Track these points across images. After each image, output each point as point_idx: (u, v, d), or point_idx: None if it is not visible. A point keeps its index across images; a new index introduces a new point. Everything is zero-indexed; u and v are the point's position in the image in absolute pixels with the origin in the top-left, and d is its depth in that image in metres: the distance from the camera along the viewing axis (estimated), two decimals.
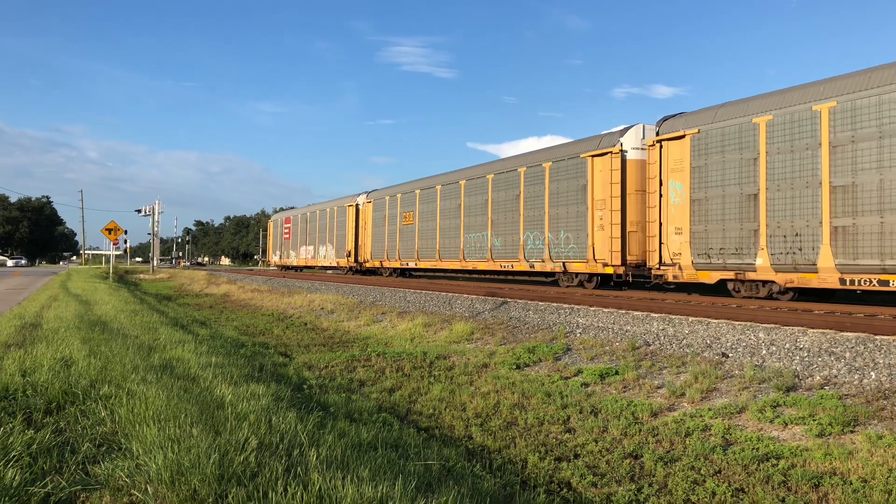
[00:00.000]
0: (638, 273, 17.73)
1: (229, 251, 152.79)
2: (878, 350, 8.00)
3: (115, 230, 36.79)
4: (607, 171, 18.09)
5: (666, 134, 16.09)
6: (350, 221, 36.79)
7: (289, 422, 5.23)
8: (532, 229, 21.25)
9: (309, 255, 43.67)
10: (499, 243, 23.04)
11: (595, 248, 18.38)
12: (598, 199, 18.40)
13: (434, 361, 10.82)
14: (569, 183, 19.73)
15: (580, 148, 19.51)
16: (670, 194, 15.89)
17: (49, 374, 6.84)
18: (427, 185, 28.98)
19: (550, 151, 21.25)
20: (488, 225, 23.68)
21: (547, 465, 5.87)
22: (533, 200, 21.27)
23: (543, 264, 20.63)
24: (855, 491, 5.05)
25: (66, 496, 3.87)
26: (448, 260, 26.46)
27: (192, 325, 15.52)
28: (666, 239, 15.92)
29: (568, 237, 19.56)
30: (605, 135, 18.80)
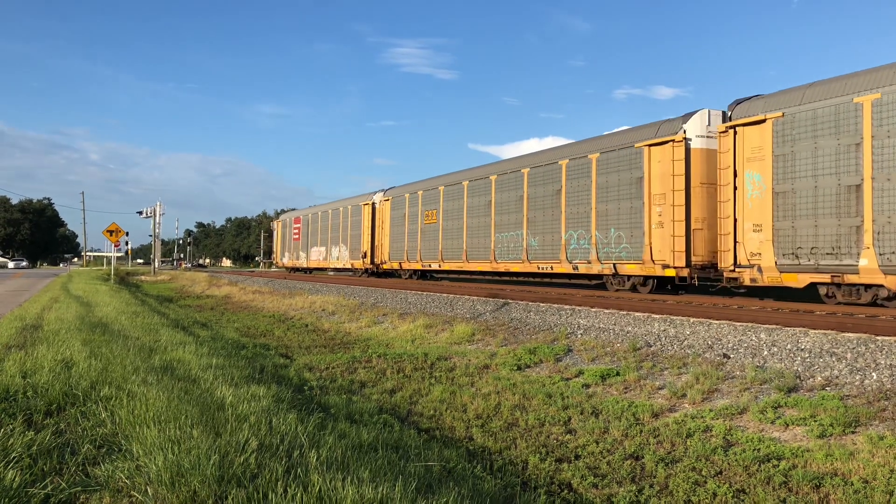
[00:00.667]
0: (703, 276, 15.88)
1: (230, 253, 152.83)
2: (879, 351, 7.99)
3: (117, 232, 36.82)
4: (668, 161, 16.28)
5: (741, 119, 14.27)
6: (365, 221, 35.00)
7: (289, 423, 5.22)
8: (575, 227, 19.39)
9: (320, 257, 41.87)
10: (536, 243, 21.13)
11: (653, 248, 16.59)
12: (656, 194, 16.57)
13: (435, 363, 10.81)
14: (620, 175, 17.83)
15: (634, 136, 17.64)
16: (747, 186, 14.08)
17: (50, 375, 6.84)
18: (452, 181, 27.12)
19: (598, 141, 19.30)
20: (523, 223, 21.76)
21: (548, 466, 5.86)
22: (577, 195, 19.42)
23: (589, 266, 18.74)
24: (856, 492, 5.04)
25: (66, 497, 3.87)
26: (476, 261, 24.67)
27: (193, 327, 15.52)
28: (742, 237, 14.10)
29: (619, 236, 17.70)
30: (663, 122, 17.00)
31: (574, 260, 19.42)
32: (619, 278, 18.27)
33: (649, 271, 16.82)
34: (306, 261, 44.43)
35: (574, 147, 20.35)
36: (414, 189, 30.32)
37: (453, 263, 26.52)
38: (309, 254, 44.05)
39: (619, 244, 17.75)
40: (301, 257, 45.67)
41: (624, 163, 17.78)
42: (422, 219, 29.10)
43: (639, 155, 17.28)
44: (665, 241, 16.27)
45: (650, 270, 16.77)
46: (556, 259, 20.22)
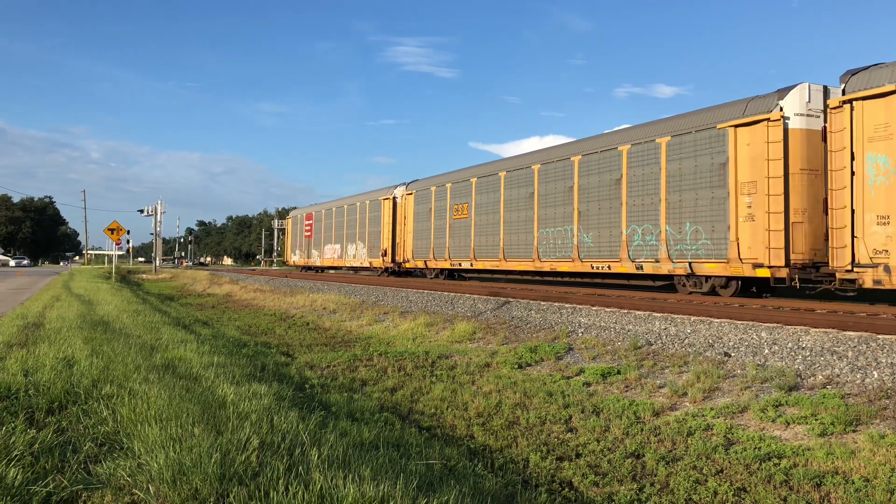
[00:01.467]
0: (804, 277, 13.70)
1: (231, 251, 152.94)
2: (880, 349, 7.99)
3: (118, 230, 36.84)
4: (760, 143, 14.09)
5: (859, 91, 12.04)
6: (386, 217, 32.60)
7: (290, 421, 5.23)
8: (640, 221, 17.12)
9: (335, 255, 39.47)
10: (589, 239, 18.83)
11: (740, 245, 14.38)
12: (744, 182, 14.38)
13: (436, 361, 10.82)
14: (698, 161, 15.59)
15: (716, 116, 15.42)
16: (868, 171, 11.85)
17: (51, 373, 6.85)
18: (487, 171, 24.83)
19: (666, 123, 16.98)
20: (573, 217, 19.49)
21: (549, 465, 5.86)
22: (641, 185, 17.14)
23: (657, 265, 16.49)
24: (857, 490, 5.05)
25: (67, 495, 3.87)
26: (516, 259, 22.40)
27: (194, 325, 15.54)
28: (861, 231, 11.88)
29: (697, 231, 15.50)
30: (752, 99, 14.82)
31: (638, 258, 17.11)
32: (694, 279, 16.21)
33: (735, 271, 14.59)
34: (319, 259, 42.17)
35: (637, 130, 17.98)
36: (441, 182, 28.05)
37: (488, 262, 24.19)
38: (322, 252, 41.73)
39: (695, 240, 15.58)
40: (314, 255, 43.34)
41: (702, 147, 15.55)
42: (450, 214, 26.82)
43: (721, 137, 15.06)
44: (757, 237, 14.08)
45: (736, 270, 14.55)
46: (615, 257, 17.90)
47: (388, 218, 32.49)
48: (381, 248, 33.06)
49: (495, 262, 23.73)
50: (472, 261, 25.25)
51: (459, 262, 26.23)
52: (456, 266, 26.67)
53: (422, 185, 30.06)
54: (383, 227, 32.99)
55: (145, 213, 70.29)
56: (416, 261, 29.71)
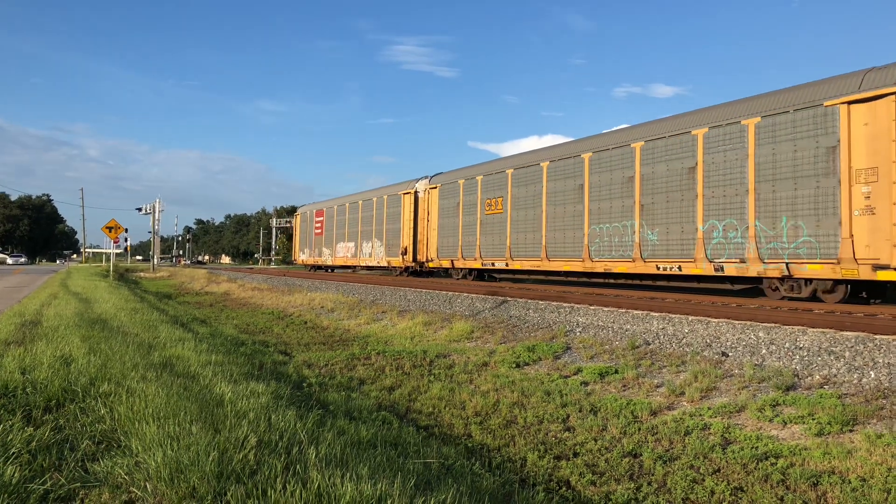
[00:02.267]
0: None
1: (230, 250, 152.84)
2: (877, 349, 8.00)
3: (116, 228, 36.80)
4: (886, 121, 12.08)
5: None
6: (406, 213, 30.31)
7: (288, 420, 5.23)
8: (720, 215, 15.20)
9: (348, 254, 37.26)
10: (655, 236, 16.84)
11: (855, 243, 12.53)
12: (861, 168, 12.51)
13: (434, 360, 10.82)
14: (797, 145, 13.68)
15: (821, 92, 13.48)
16: None
17: (49, 371, 6.84)
18: (525, 162, 22.53)
19: (756, 102, 14.91)
20: (634, 211, 17.51)
21: (546, 464, 5.87)
22: (721, 174, 15.22)
23: (744, 266, 14.55)
24: (854, 490, 5.06)
25: (65, 493, 3.87)
26: (561, 259, 20.26)
27: (192, 324, 15.53)
28: None
29: (796, 226, 13.61)
30: (870, 70, 12.81)
31: (718, 258, 15.21)
32: (790, 283, 14.37)
33: (847, 273, 12.75)
34: (331, 258, 39.91)
35: (715, 112, 15.88)
36: (470, 174, 25.93)
37: (527, 262, 21.94)
38: (335, 250, 39.41)
39: (794, 238, 13.70)
40: (325, 254, 41.04)
41: (803, 128, 13.66)
42: (482, 208, 24.65)
43: (830, 116, 13.15)
44: (879, 233, 12.23)
45: (849, 272, 12.70)
46: (688, 257, 15.93)
47: (409, 214, 30.11)
48: (400, 246, 30.82)
49: (535, 262, 21.48)
50: (507, 260, 22.88)
51: (492, 262, 23.86)
52: (488, 266, 24.22)
53: (448, 179, 27.46)
54: (403, 223, 30.71)
55: (143, 211, 70.24)
56: (441, 260, 27.34)
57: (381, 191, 34.37)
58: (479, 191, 25.02)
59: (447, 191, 27.40)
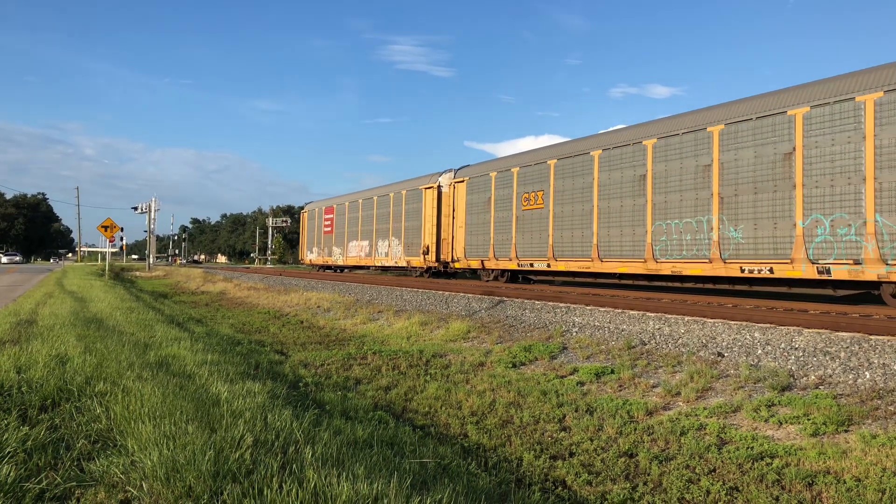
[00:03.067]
0: None
1: (226, 249, 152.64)
2: (872, 350, 8.03)
3: (112, 227, 36.72)
4: None
5: None
6: (428, 209, 28.05)
7: (284, 419, 5.23)
8: (827, 209, 13.21)
9: (362, 253, 34.86)
10: (739, 234, 14.87)
11: None
12: None
13: (430, 360, 10.82)
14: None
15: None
16: None
17: (44, 370, 6.83)
18: (572, 150, 20.29)
19: (873, 75, 12.92)
20: (712, 204, 15.48)
21: (542, 464, 5.88)
22: (829, 161, 13.21)
23: (858, 269, 12.64)
24: (849, 490, 5.07)
25: (60, 492, 3.87)
26: (617, 259, 17.99)
27: (188, 323, 15.50)
28: None
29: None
30: None
31: (823, 259, 13.28)
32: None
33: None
34: (342, 257, 37.57)
35: (817, 88, 13.98)
36: (504, 166, 23.67)
37: (574, 262, 19.64)
38: (346, 249, 37.04)
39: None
40: (335, 253, 38.71)
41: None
42: (518, 203, 22.36)
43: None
44: None
45: None
46: (784, 257, 13.96)
47: (432, 210, 27.72)
48: (421, 244, 28.37)
49: (584, 263, 19.18)
50: (549, 260, 20.59)
51: (530, 262, 21.54)
52: (525, 267, 21.82)
53: (477, 171, 25.25)
54: (425, 220, 28.33)
55: (139, 210, 70.12)
56: (469, 260, 24.99)
57: (399, 185, 32.02)
58: (515, 184, 22.60)
59: (476, 185, 24.97)
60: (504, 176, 23.50)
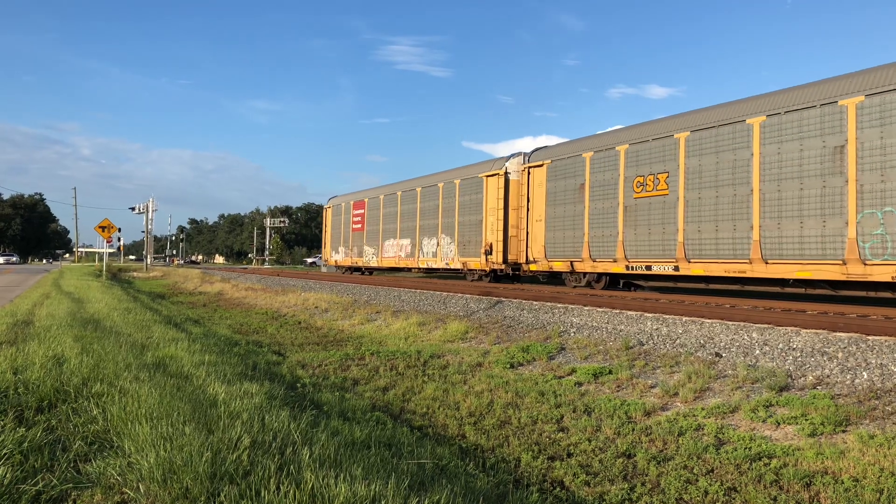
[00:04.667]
0: None
1: (223, 249, 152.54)
2: (870, 350, 8.04)
3: (109, 228, 36.67)
4: None
5: None
6: (491, 200, 24.17)
7: (282, 420, 5.21)
8: None
9: (402, 253, 30.91)
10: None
11: None
12: None
13: (428, 360, 10.81)
14: None
15: None
16: None
17: (41, 371, 6.81)
18: (712, 120, 15.89)
19: None
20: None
21: (540, 464, 5.87)
22: None
23: None
24: (846, 490, 5.07)
25: (57, 494, 3.85)
26: (790, 261, 13.99)
27: (185, 324, 15.47)
28: None
29: None
30: None
31: None
32: None
33: None
34: (376, 257, 33.58)
35: None
36: (604, 144, 19.34)
37: (717, 264, 15.52)
38: (381, 249, 33.12)
39: None
40: (366, 253, 34.63)
41: None
42: (626, 189, 18.13)
43: None
44: None
45: None
46: None
47: (497, 202, 23.77)
48: (482, 243, 24.48)
49: (736, 266, 15.07)
50: (676, 262, 16.41)
51: (646, 264, 17.34)
52: (637, 270, 17.60)
53: (563, 152, 21.03)
54: (486, 214, 24.44)
55: (137, 210, 70.10)
56: (552, 261, 20.90)
57: (452, 174, 27.85)
58: (622, 165, 18.35)
59: (561, 169, 20.78)
60: (605, 157, 19.11)
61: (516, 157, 23.92)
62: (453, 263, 26.57)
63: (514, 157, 24.02)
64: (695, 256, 16.06)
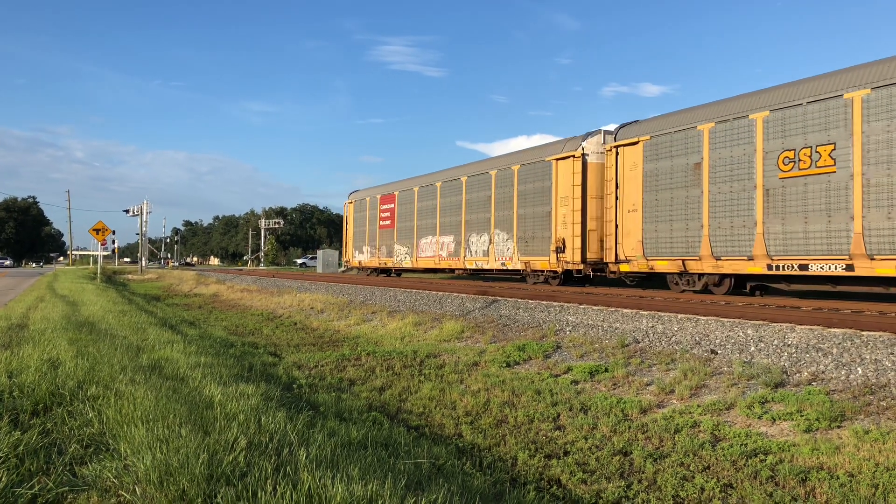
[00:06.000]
0: None
1: (218, 251, 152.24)
2: (864, 346, 8.07)
3: (103, 230, 36.55)
4: None
5: None
6: (562, 187, 20.56)
7: (278, 421, 5.21)
8: None
9: (443, 252, 27.14)
10: None
11: None
12: None
13: (424, 360, 10.81)
14: None
15: None
16: None
17: (36, 375, 6.78)
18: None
19: None
20: None
21: (537, 463, 5.88)
22: None
23: None
24: (842, 485, 5.10)
25: (53, 497, 3.84)
26: None
27: (180, 326, 15.44)
28: None
29: None
30: None
31: None
32: None
33: None
34: (409, 257, 29.83)
35: None
36: (730, 112, 15.59)
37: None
38: (416, 248, 29.39)
39: None
40: (398, 253, 30.86)
41: None
42: (766, 168, 14.56)
43: None
44: None
45: None
46: None
47: (571, 189, 20.16)
48: (551, 238, 20.97)
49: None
50: (848, 259, 13.04)
51: (800, 262, 13.93)
52: (786, 270, 14.19)
53: (668, 125, 17.10)
54: (557, 204, 20.87)
55: (131, 213, 69.90)
56: (653, 260, 17.23)
57: (504, 160, 24.45)
58: (760, 137, 14.78)
59: (665, 146, 17.04)
60: (731, 128, 15.42)
61: (594, 135, 20.39)
62: (511, 263, 23.04)
63: (591, 135, 20.43)
64: (884, 252, 12.35)
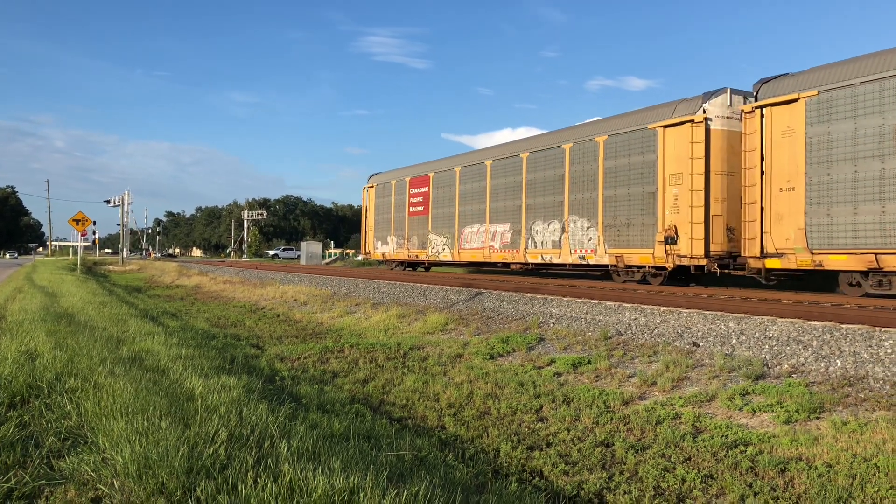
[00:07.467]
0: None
1: (201, 242, 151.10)
2: (843, 339, 8.16)
3: (83, 221, 36.11)
4: None
5: None
6: (675, 162, 16.52)
7: (260, 414, 5.17)
8: None
9: (496, 242, 23.04)
10: None
11: None
12: None
13: (408, 352, 10.80)
14: None
15: None
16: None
17: (13, 367, 6.69)
18: None
19: None
20: None
21: (519, 454, 5.89)
22: None
23: None
24: (820, 476, 5.15)
25: (29, 491, 3.79)
26: None
27: (162, 317, 15.30)
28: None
29: None
30: None
31: None
32: None
33: None
34: (450, 249, 25.74)
35: None
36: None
37: None
38: (458, 238, 25.29)
39: None
40: (433, 244, 26.86)
41: None
42: None
43: None
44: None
45: None
46: None
47: (688, 164, 16.14)
48: (656, 226, 16.92)
49: None
50: None
51: None
52: None
53: (845, 75, 13.12)
54: (665, 183, 16.83)
55: (112, 203, 69.16)
56: (821, 253, 13.30)
57: (585, 129, 20.11)
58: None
59: (840, 104, 13.12)
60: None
61: (718, 94, 16.17)
62: (595, 257, 18.85)
63: (716, 94, 16.20)
64: None
